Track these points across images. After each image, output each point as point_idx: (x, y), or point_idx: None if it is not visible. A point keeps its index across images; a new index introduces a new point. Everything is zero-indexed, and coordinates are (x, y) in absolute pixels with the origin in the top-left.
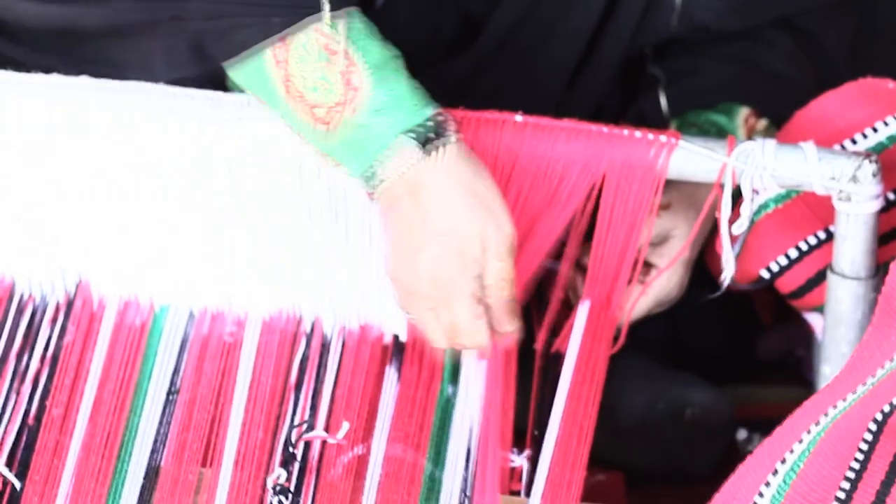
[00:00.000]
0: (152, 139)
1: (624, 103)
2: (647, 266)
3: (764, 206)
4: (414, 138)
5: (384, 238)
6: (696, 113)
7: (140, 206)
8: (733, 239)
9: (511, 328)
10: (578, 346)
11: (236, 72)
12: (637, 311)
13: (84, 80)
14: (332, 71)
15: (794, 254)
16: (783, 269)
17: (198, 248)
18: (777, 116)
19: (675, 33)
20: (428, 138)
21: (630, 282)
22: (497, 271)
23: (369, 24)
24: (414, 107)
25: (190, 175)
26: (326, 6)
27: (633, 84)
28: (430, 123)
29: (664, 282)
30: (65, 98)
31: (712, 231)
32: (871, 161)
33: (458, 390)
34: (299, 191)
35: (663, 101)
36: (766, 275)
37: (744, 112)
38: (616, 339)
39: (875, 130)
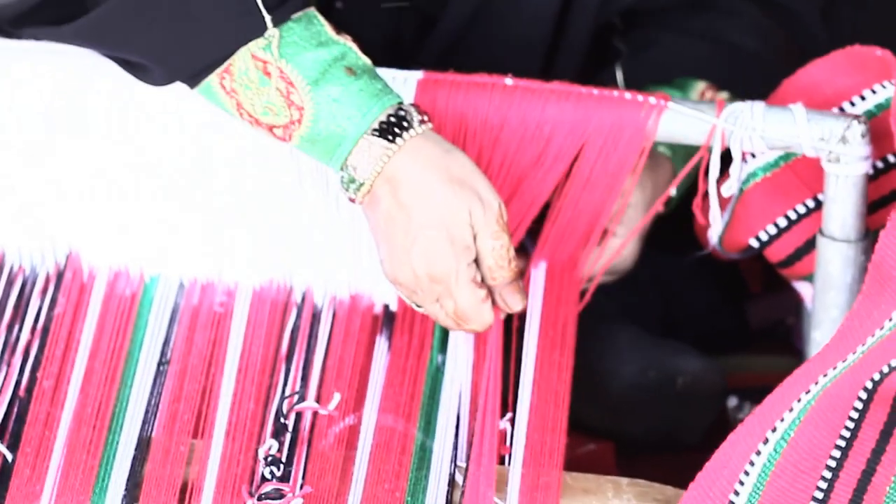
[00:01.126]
0: (143, 107)
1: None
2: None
3: (752, 175)
4: (379, 135)
5: (376, 242)
6: (650, 87)
7: (129, 175)
8: (721, 203)
9: (519, 307)
10: (540, 309)
11: (199, 93)
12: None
13: (75, 50)
14: (274, 94)
15: (783, 222)
16: (772, 238)
17: (187, 217)
18: (737, 89)
19: (642, 2)
20: (393, 132)
21: (600, 244)
22: (494, 250)
23: (308, 28)
24: (361, 109)
25: (180, 144)
26: (269, 24)
27: (603, 57)
28: (392, 117)
29: (618, 250)
30: (53, 69)
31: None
32: (860, 122)
33: (448, 359)
34: (290, 159)
35: (620, 75)
36: (755, 244)
37: (699, 86)
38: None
39: (863, 98)
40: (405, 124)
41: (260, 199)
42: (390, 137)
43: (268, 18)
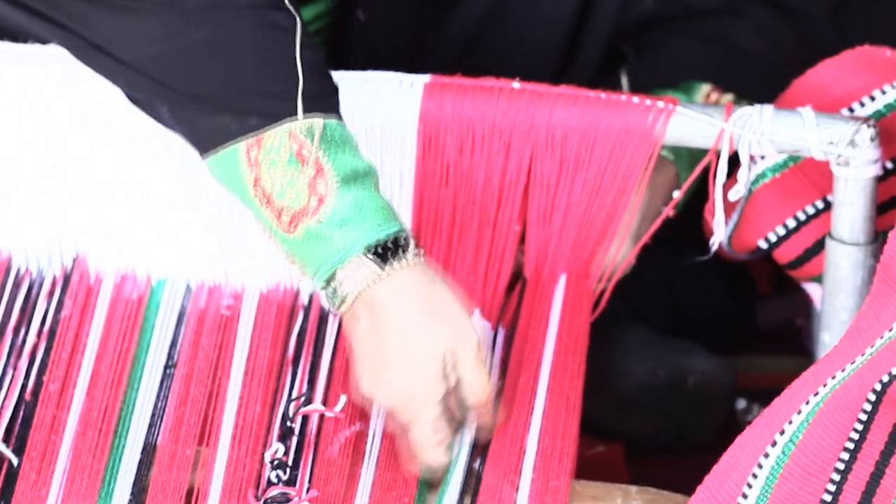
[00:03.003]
0: (148, 118)
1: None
2: None
3: (761, 176)
4: (372, 258)
5: (354, 355)
6: (655, 91)
7: (136, 178)
8: (730, 206)
9: (489, 425)
10: (559, 317)
11: (211, 165)
12: None
13: None
14: (301, 178)
15: (792, 224)
16: (781, 240)
17: (194, 221)
18: (743, 91)
19: (656, 10)
20: (387, 257)
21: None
22: (474, 384)
23: (346, 134)
24: (377, 225)
25: (188, 148)
26: (300, 111)
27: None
28: (392, 242)
29: (612, 254)
30: (61, 72)
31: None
32: (869, 125)
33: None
34: None
35: (625, 79)
36: (764, 245)
37: (704, 89)
38: (594, 308)
39: (872, 99)
40: (400, 252)
41: None
42: (382, 263)
43: (300, 106)
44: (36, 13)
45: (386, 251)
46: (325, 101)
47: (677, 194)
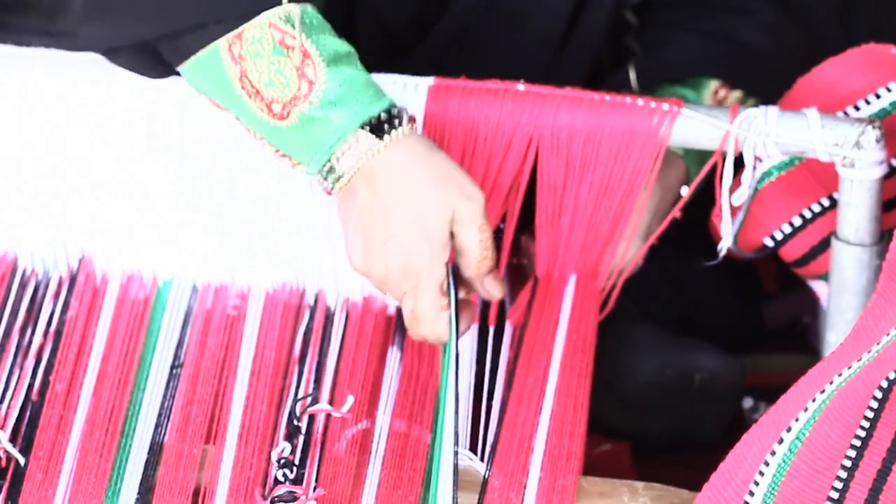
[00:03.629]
0: (157, 111)
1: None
2: None
3: (767, 174)
4: (369, 130)
5: (346, 233)
6: (663, 87)
7: (142, 179)
8: (736, 207)
9: (501, 294)
10: (568, 317)
11: (191, 72)
12: None
13: (85, 56)
14: (288, 65)
15: (797, 221)
16: (787, 238)
17: (200, 221)
18: (750, 88)
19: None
20: (383, 129)
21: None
22: (482, 241)
23: (322, 19)
24: (369, 99)
25: (193, 148)
26: (277, 2)
27: (616, 56)
28: (384, 115)
29: (621, 253)
30: (62, 72)
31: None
32: (874, 127)
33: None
34: None
35: (633, 75)
36: (769, 243)
37: (712, 85)
38: (603, 307)
39: (878, 97)
40: (396, 122)
41: (272, 201)
42: (379, 134)
43: None
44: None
45: (381, 123)
46: None
47: (685, 192)
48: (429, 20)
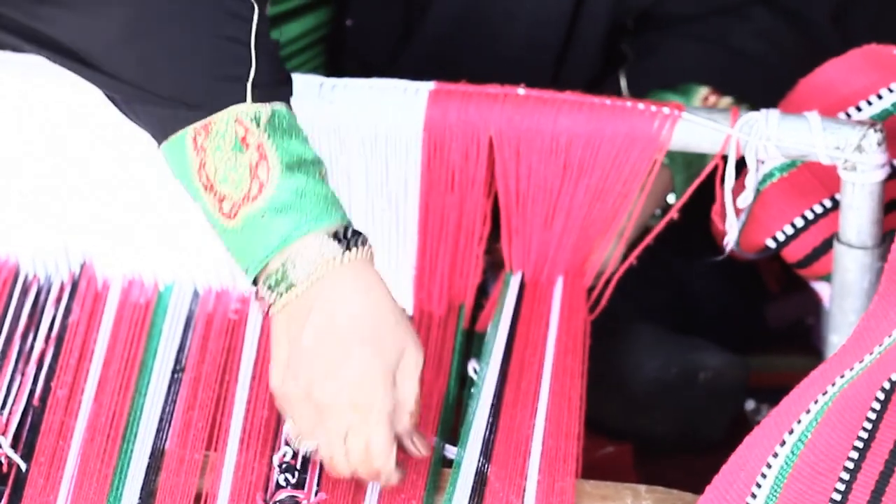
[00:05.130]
0: None
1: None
2: None
3: (769, 176)
4: (333, 238)
5: (277, 352)
6: (653, 93)
7: (143, 184)
8: (738, 209)
9: (426, 452)
10: (558, 318)
11: (166, 153)
12: None
13: None
14: (243, 163)
15: (800, 223)
16: (789, 239)
17: (201, 226)
18: (741, 94)
19: (654, 6)
20: (348, 242)
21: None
22: (417, 395)
23: (294, 123)
24: (320, 212)
25: None
26: (249, 98)
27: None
28: (347, 230)
29: (601, 254)
30: (68, 80)
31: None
32: (875, 130)
33: (483, 368)
34: None
35: (623, 82)
36: (772, 244)
37: (702, 91)
38: (593, 308)
39: (880, 97)
40: (359, 240)
41: None
42: (343, 246)
43: (249, 92)
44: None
45: (345, 236)
46: (275, 90)
47: (672, 199)
48: (414, 61)
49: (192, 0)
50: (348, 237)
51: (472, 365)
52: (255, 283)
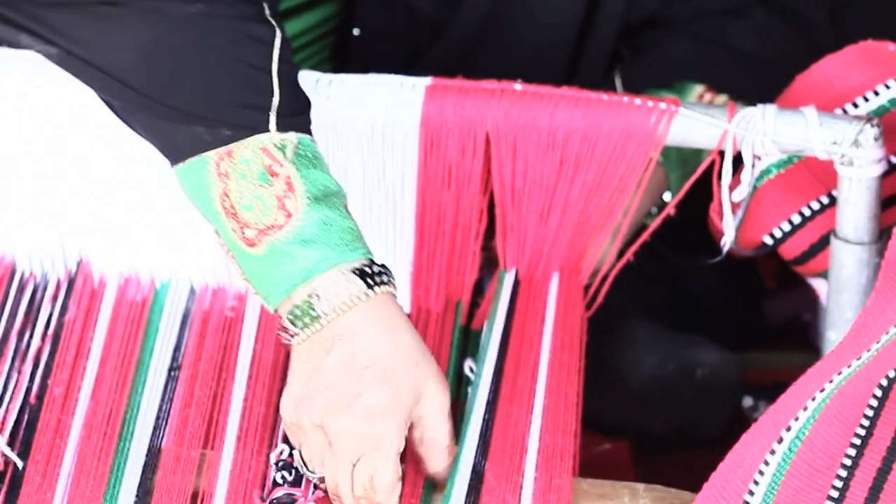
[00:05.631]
0: None
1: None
2: None
3: (766, 172)
4: (358, 274)
5: (294, 380)
6: (649, 91)
7: (139, 181)
8: (734, 205)
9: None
10: (553, 315)
11: (181, 175)
12: None
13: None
14: (270, 193)
15: (797, 219)
16: (786, 235)
17: (197, 223)
18: (736, 92)
19: (660, 10)
20: (373, 278)
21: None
22: (447, 431)
23: (317, 153)
24: (344, 245)
25: None
26: (273, 127)
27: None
28: (371, 266)
29: (597, 251)
30: (65, 77)
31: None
32: (872, 125)
33: (479, 369)
34: None
35: (618, 80)
36: (769, 241)
37: (697, 89)
38: (590, 305)
39: (876, 94)
40: (384, 277)
41: None
42: (369, 281)
43: (273, 121)
44: (9, 21)
45: (370, 272)
46: (299, 118)
47: (668, 196)
48: (417, 66)
49: (210, 25)
50: (374, 273)
51: (468, 364)
52: (275, 310)
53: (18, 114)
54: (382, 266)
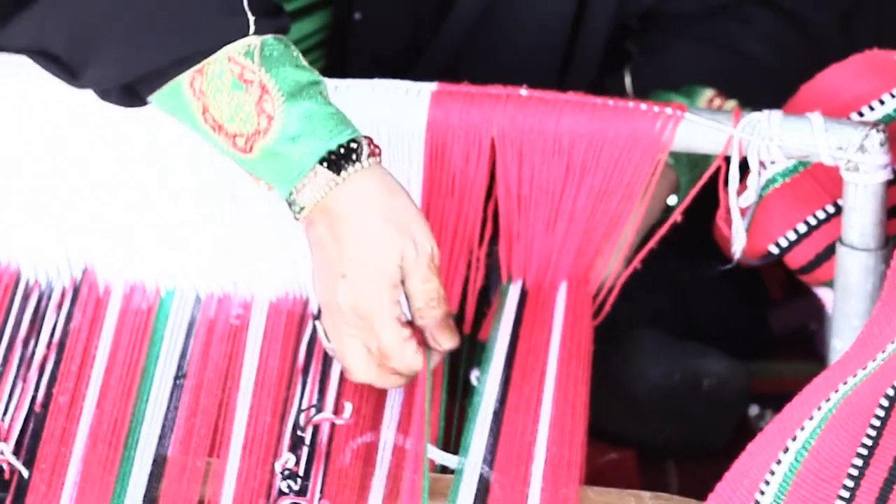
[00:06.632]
0: (158, 123)
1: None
2: None
3: (771, 181)
4: (326, 165)
5: (312, 256)
6: (657, 93)
7: (144, 190)
8: (741, 212)
9: (450, 345)
10: (562, 324)
11: (159, 103)
12: None
13: None
14: (247, 101)
15: (802, 228)
16: (792, 244)
17: (203, 231)
18: (746, 98)
19: (657, 6)
20: (340, 164)
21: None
22: (425, 292)
23: (287, 49)
24: (328, 133)
25: (195, 160)
26: (240, 34)
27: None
28: (343, 149)
29: (606, 260)
30: (64, 84)
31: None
32: (878, 130)
33: (485, 378)
34: None
35: (628, 80)
36: (774, 250)
37: (707, 94)
38: (597, 313)
39: (882, 103)
40: (354, 157)
41: (275, 209)
42: (336, 169)
43: (251, 21)
44: None
45: (339, 158)
46: (262, 21)
47: (674, 200)
48: (420, 52)
49: None
50: (343, 158)
51: (474, 374)
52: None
53: (20, 115)
54: (358, 145)
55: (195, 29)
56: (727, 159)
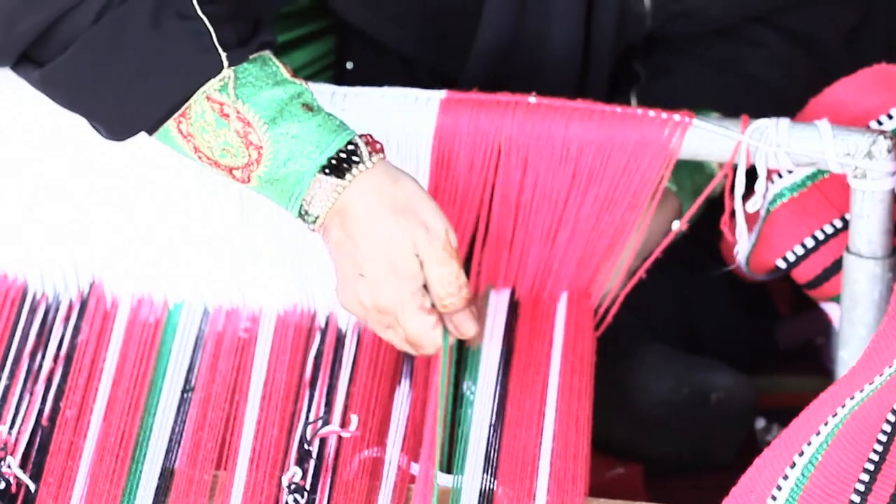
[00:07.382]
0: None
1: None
2: None
3: (779, 196)
4: (329, 172)
5: (333, 267)
6: None
7: (151, 203)
8: (749, 218)
9: (473, 332)
10: (563, 336)
11: (158, 140)
12: None
13: None
14: (232, 135)
15: (810, 243)
16: (799, 259)
17: (211, 244)
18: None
19: (655, 25)
20: (343, 169)
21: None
22: (442, 277)
23: (264, 68)
24: (320, 145)
25: (201, 173)
26: (215, 72)
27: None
28: (342, 153)
29: (608, 273)
30: None
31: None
32: (885, 137)
33: (477, 389)
34: None
35: (634, 101)
36: (782, 265)
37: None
38: (598, 325)
39: (890, 117)
40: (355, 159)
41: (283, 223)
42: (340, 174)
43: (223, 57)
44: None
45: (341, 163)
46: (234, 53)
47: (677, 224)
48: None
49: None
50: (345, 162)
51: (466, 384)
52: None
53: (26, 126)
54: (355, 147)
55: (171, 78)
56: (734, 167)
